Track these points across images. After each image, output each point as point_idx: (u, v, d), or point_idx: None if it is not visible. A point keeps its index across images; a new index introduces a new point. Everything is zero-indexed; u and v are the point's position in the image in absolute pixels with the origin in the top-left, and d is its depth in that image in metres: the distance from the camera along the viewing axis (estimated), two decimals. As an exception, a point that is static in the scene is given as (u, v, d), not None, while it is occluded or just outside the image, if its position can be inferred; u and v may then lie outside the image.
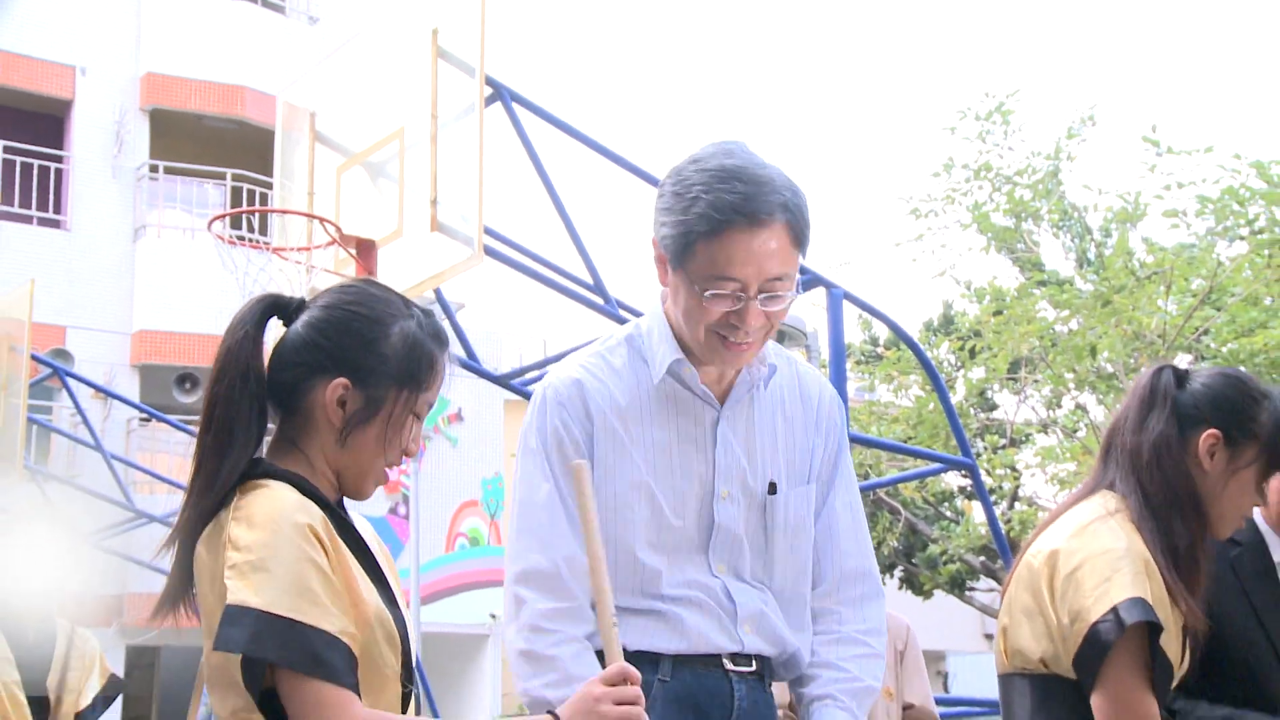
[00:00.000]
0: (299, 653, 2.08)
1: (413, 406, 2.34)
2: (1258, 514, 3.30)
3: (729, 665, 2.70)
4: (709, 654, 2.68)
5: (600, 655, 2.62)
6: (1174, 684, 2.87)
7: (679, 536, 2.69)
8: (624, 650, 2.61)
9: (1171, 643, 2.76)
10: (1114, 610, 2.67)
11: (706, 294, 2.53)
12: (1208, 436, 2.91)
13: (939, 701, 6.25)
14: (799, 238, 2.56)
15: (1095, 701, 2.73)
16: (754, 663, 2.73)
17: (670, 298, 2.67)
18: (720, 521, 2.70)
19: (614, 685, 2.23)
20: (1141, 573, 2.73)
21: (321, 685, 2.09)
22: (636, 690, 2.25)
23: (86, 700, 5.19)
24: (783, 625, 2.75)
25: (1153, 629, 2.69)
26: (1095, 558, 2.76)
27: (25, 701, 5.00)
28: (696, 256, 2.53)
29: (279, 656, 2.08)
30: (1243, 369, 3.03)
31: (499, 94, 7.54)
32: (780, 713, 2.86)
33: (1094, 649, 2.69)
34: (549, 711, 2.24)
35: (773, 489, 2.75)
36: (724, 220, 2.49)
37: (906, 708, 5.74)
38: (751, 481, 2.74)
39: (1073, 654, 2.73)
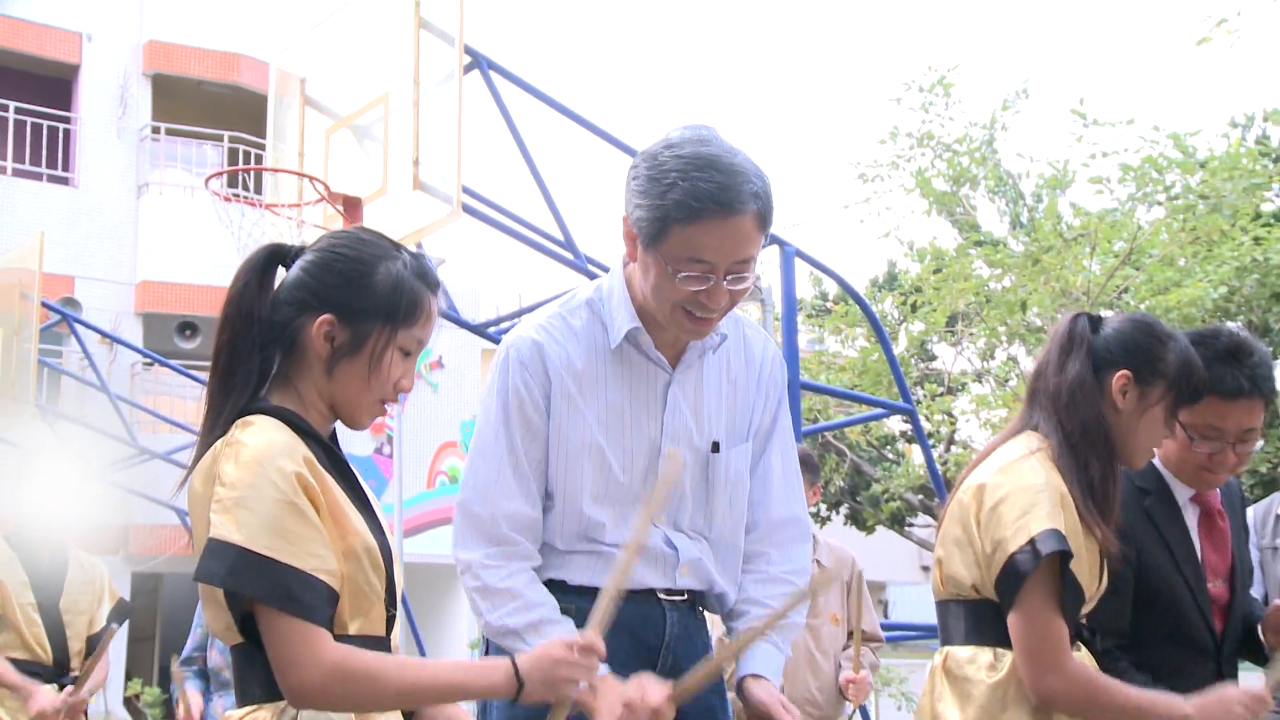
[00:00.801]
0: (273, 589, 2.05)
1: (397, 341, 2.30)
2: (1158, 460, 3.33)
3: (662, 596, 2.71)
4: (645, 587, 2.68)
5: (549, 583, 2.65)
6: (1089, 604, 2.90)
7: (625, 490, 2.68)
8: (565, 583, 2.65)
9: (1084, 568, 2.79)
10: (1031, 541, 2.70)
11: (679, 275, 2.50)
12: (1120, 377, 2.92)
13: (883, 624, 6.33)
14: (765, 222, 2.53)
15: (1011, 622, 2.75)
16: (686, 594, 2.75)
17: (640, 273, 2.62)
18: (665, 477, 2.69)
19: (578, 651, 2.22)
20: (1057, 506, 2.75)
21: (293, 620, 2.06)
22: (594, 663, 2.25)
23: (100, 623, 5.20)
24: (715, 570, 2.75)
25: (1064, 557, 2.72)
26: (1016, 493, 2.77)
27: (40, 621, 5.00)
28: (671, 240, 2.49)
29: (254, 591, 2.06)
30: (1154, 317, 3.05)
31: (477, 62, 7.49)
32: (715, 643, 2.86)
33: (1013, 576, 2.71)
34: (511, 659, 2.22)
35: (716, 448, 2.74)
36: (700, 209, 2.45)
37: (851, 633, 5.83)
38: (697, 440, 2.72)
39: (994, 580, 2.76)
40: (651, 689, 2.41)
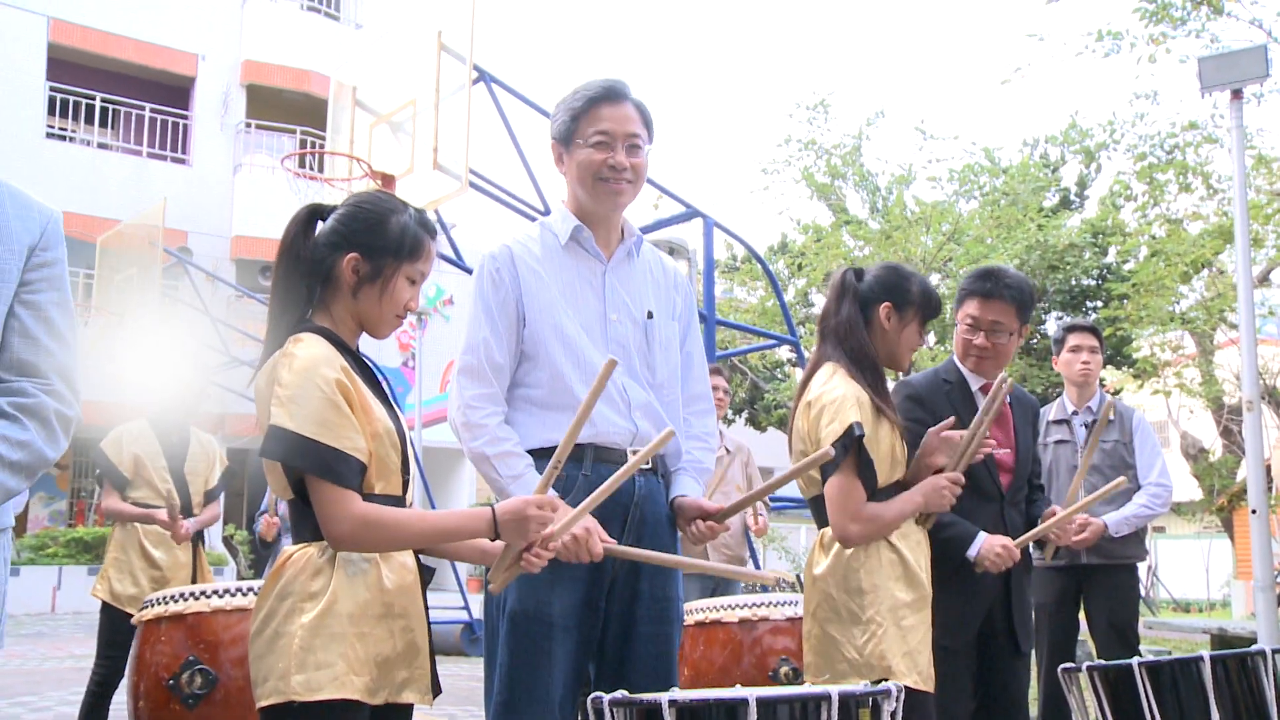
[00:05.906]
0: (317, 463, 2.00)
1: (405, 272, 2.22)
2: (957, 360, 3.43)
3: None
4: (614, 446, 2.56)
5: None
6: (897, 474, 2.94)
7: (585, 345, 2.59)
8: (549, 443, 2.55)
9: (881, 445, 2.87)
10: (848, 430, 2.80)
11: (590, 142, 2.56)
12: (884, 308, 3.00)
13: (770, 498, 6.38)
14: (645, 117, 2.62)
15: (826, 488, 2.85)
16: (650, 462, 2.64)
17: (569, 174, 2.63)
18: (613, 336, 2.60)
19: (541, 509, 2.12)
20: (855, 406, 2.82)
21: (331, 486, 2.01)
22: (551, 516, 2.14)
23: (214, 483, 5.20)
24: (664, 414, 2.65)
25: (860, 439, 2.79)
26: (829, 404, 2.85)
27: (170, 480, 5.00)
28: (580, 126, 2.57)
29: (301, 465, 2.01)
30: (898, 262, 3.18)
31: (482, 77, 7.47)
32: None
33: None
34: (491, 508, 2.13)
35: (650, 315, 2.68)
36: (595, 97, 2.57)
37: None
38: (635, 310, 2.65)
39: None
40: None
